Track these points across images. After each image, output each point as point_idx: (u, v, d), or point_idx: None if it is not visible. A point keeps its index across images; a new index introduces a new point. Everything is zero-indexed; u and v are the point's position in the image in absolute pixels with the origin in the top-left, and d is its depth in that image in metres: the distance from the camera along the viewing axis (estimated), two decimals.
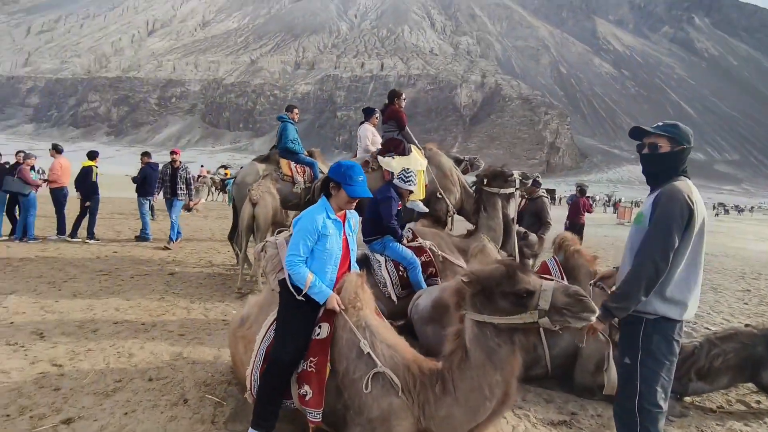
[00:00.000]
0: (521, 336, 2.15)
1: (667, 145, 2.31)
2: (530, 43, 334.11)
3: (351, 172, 2.57)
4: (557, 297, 2.04)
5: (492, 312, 2.12)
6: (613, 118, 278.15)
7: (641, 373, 2.20)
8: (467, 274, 2.19)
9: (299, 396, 2.43)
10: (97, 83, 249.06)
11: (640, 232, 2.27)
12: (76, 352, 3.75)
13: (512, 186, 4.95)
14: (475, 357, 2.17)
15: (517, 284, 2.08)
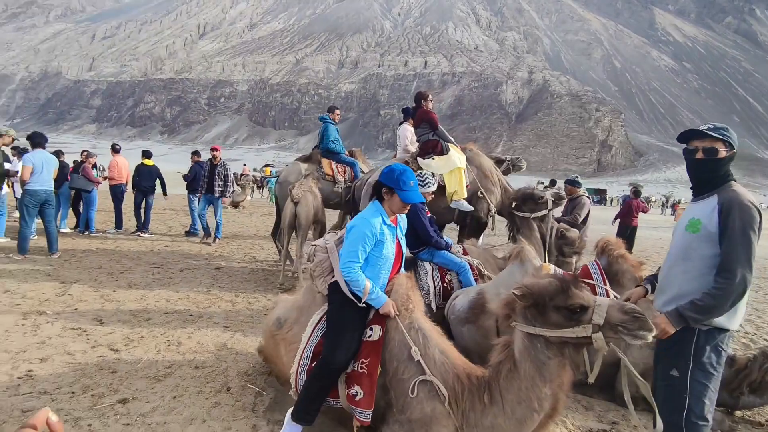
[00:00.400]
0: (572, 350, 2.13)
1: (724, 150, 2.22)
2: (581, 36, 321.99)
3: (404, 177, 2.56)
4: (612, 313, 2.02)
5: (543, 325, 2.11)
6: (673, 114, 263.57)
7: (691, 386, 2.13)
8: (520, 287, 2.16)
9: (349, 396, 2.46)
10: (152, 85, 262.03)
11: (698, 241, 2.18)
12: (130, 339, 4.04)
13: (544, 208, 4.82)
14: (525, 369, 2.17)
15: (571, 299, 2.06)
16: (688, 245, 2.24)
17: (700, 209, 2.23)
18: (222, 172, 9.19)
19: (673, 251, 2.32)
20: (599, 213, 29.39)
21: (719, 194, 2.18)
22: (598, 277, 3.63)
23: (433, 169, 5.75)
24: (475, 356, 3.74)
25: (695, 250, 2.19)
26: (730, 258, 2.08)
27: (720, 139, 2.22)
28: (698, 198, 2.30)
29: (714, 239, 2.13)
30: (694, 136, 2.29)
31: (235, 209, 17.70)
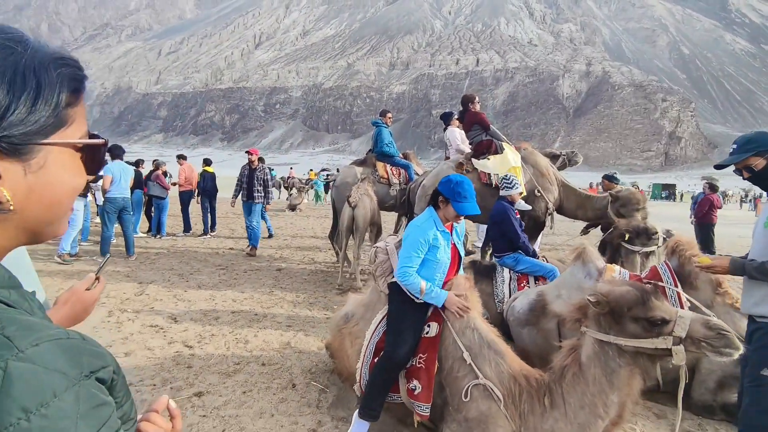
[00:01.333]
0: (646, 360, 2.06)
1: (761, 160, 2.17)
2: (644, 24, 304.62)
3: (460, 188, 2.60)
4: (696, 328, 1.95)
5: (618, 333, 2.06)
6: (751, 101, 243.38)
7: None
8: (594, 293, 2.11)
9: (408, 390, 2.55)
10: (213, 95, 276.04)
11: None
12: (202, 336, 4.31)
13: (655, 244, 4.58)
14: (593, 374, 2.12)
15: (651, 311, 2.00)
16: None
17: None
18: (261, 177, 8.59)
19: (756, 250, 2.22)
20: (667, 210, 27.66)
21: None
22: (668, 279, 3.42)
23: (489, 169, 5.69)
24: (535, 359, 3.67)
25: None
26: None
27: (749, 156, 2.16)
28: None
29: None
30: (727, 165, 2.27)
31: (293, 212, 18.30)
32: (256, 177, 8.50)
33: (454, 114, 6.92)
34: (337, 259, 7.64)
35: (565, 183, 6.07)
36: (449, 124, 6.82)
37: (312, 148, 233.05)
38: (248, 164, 8.59)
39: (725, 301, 3.30)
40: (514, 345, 3.80)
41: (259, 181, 8.51)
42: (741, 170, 2.25)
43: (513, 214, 4.44)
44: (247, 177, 8.56)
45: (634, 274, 3.69)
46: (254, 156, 8.66)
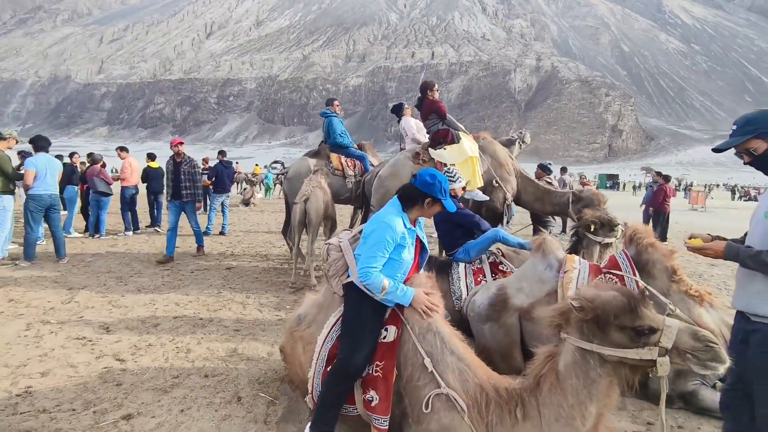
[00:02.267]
0: (629, 370, 1.92)
1: (762, 143, 2.03)
2: (589, 22, 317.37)
3: (447, 187, 2.50)
4: (683, 338, 1.84)
5: (602, 342, 1.91)
6: (683, 97, 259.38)
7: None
8: (579, 298, 1.97)
9: (365, 401, 2.34)
10: (162, 86, 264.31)
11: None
12: (138, 347, 3.88)
13: (615, 236, 4.59)
14: (571, 384, 1.97)
15: (639, 320, 1.87)
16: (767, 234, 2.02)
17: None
18: (188, 171, 7.41)
19: (753, 240, 2.08)
20: (612, 199, 28.76)
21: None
22: (626, 268, 3.37)
23: (446, 159, 5.55)
24: (496, 355, 3.54)
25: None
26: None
27: (749, 138, 2.03)
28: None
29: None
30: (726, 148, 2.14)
31: (246, 207, 17.66)
32: (182, 172, 7.33)
33: (405, 104, 6.76)
34: (290, 255, 7.31)
35: (524, 174, 6.03)
36: (402, 114, 6.62)
37: (268, 142, 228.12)
38: (172, 158, 7.47)
39: (680, 289, 3.28)
40: (475, 342, 3.66)
41: (187, 176, 7.35)
42: (742, 154, 2.10)
43: (457, 200, 4.37)
44: (173, 173, 7.39)
45: (594, 264, 3.62)
46: (181, 147, 7.47)
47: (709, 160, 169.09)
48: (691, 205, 26.60)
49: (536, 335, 3.43)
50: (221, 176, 10.43)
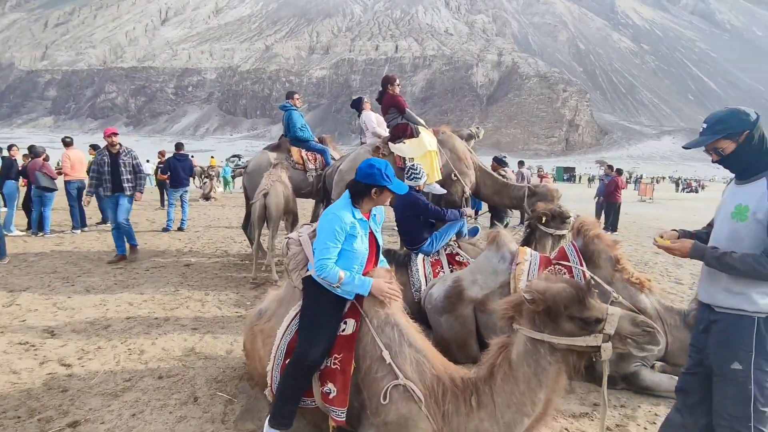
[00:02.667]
0: (575, 357, 2.06)
1: (730, 143, 2.08)
2: (547, 19, 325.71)
3: (389, 171, 2.49)
4: (623, 325, 1.99)
5: (553, 332, 2.03)
6: (633, 94, 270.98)
7: (755, 376, 2.02)
8: (531, 291, 2.07)
9: (323, 393, 2.37)
10: (113, 74, 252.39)
11: (746, 229, 2.02)
12: (85, 351, 3.71)
13: (567, 228, 4.74)
14: (523, 373, 2.09)
15: (587, 310, 2.00)
16: (734, 234, 2.08)
17: (748, 194, 2.05)
18: (129, 162, 6.90)
19: (719, 240, 2.15)
20: (569, 190, 29.89)
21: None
22: (574, 259, 3.52)
23: (405, 153, 5.60)
24: (453, 346, 3.64)
25: (743, 240, 2.03)
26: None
27: (718, 138, 2.08)
28: (744, 181, 2.12)
29: (764, 227, 1.97)
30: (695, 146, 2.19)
31: (207, 201, 17.19)
32: (121, 164, 6.80)
33: (365, 98, 6.76)
34: (251, 250, 7.17)
35: (483, 168, 6.13)
36: (362, 108, 6.61)
37: (229, 134, 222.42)
38: (106, 148, 6.84)
39: (623, 277, 3.46)
40: (433, 332, 3.74)
41: (126, 168, 6.86)
42: (710, 152, 2.15)
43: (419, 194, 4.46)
44: (110, 165, 6.79)
45: (545, 256, 3.75)
46: (116, 138, 6.85)
47: (656, 154, 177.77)
48: (640, 197, 27.90)
49: (490, 326, 3.54)
50: (175, 170, 10.06)
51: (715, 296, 2.15)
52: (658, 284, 6.43)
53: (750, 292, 2.02)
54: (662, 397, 3.24)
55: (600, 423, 2.13)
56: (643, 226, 13.60)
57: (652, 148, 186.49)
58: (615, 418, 3.02)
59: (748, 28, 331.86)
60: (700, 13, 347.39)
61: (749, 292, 2.02)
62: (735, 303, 2.06)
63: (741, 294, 2.04)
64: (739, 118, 2.05)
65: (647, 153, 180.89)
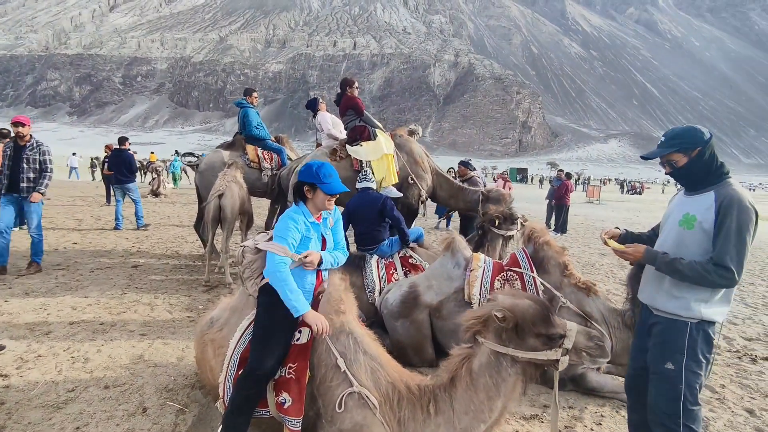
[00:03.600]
0: (534, 369, 2.18)
1: (682, 157, 2.24)
2: (502, 22, 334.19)
3: (323, 170, 2.50)
4: (579, 339, 2.13)
5: (518, 346, 2.13)
6: (582, 98, 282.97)
7: (685, 376, 2.20)
8: (501, 309, 2.14)
9: (277, 404, 2.35)
10: (56, 60, 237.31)
11: (692, 237, 2.20)
12: (24, 360, 3.51)
13: (515, 228, 4.92)
14: (483, 383, 2.18)
15: (552, 327, 2.13)
16: (680, 241, 2.25)
17: (696, 205, 2.22)
18: (34, 159, 5.80)
19: (665, 246, 2.31)
20: (522, 191, 31.04)
21: (716, 191, 2.17)
22: (525, 265, 3.66)
23: (362, 156, 5.63)
24: (409, 350, 3.71)
25: (688, 247, 2.21)
26: (724, 256, 2.09)
27: (672, 151, 2.24)
28: (692, 192, 2.29)
29: (708, 236, 2.15)
30: (652, 158, 2.33)
31: (156, 198, 16.54)
32: (24, 158, 5.72)
33: (320, 98, 6.75)
34: (204, 251, 6.99)
35: (439, 171, 6.25)
36: (318, 109, 6.58)
37: (181, 127, 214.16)
38: (13, 140, 5.83)
39: (571, 282, 3.60)
40: (389, 337, 3.79)
41: (30, 164, 5.75)
42: (665, 163, 2.32)
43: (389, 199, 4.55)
44: (11, 159, 5.73)
45: (498, 262, 3.87)
46: (25, 128, 5.76)
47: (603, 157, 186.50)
48: (588, 198, 29.25)
49: (446, 330, 3.64)
50: (114, 165, 9.70)
51: (655, 299, 2.33)
52: (604, 285, 6.82)
53: (689, 298, 2.20)
54: (607, 397, 3.43)
55: (552, 426, 2.26)
56: (590, 227, 14.29)
57: (599, 151, 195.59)
58: (563, 420, 3.16)
59: (687, 38, 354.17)
60: (644, 23, 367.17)
61: (688, 298, 2.20)
62: (672, 307, 2.25)
63: (680, 298, 2.22)
64: (693, 135, 2.21)
65: (595, 155, 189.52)
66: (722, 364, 4.23)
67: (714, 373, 3.95)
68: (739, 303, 6.34)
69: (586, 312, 3.45)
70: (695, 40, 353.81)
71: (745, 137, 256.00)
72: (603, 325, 3.44)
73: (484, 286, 3.57)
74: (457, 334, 3.48)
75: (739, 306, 6.19)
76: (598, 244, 10.79)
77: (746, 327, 5.32)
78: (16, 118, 5.86)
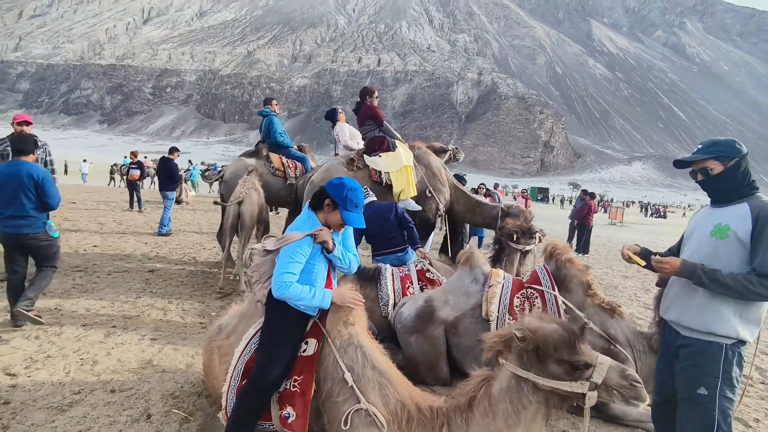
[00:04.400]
0: (558, 400, 2.01)
1: (718, 165, 2.18)
2: (527, 42, 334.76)
3: (353, 196, 2.39)
4: (611, 376, 1.96)
5: (539, 372, 1.99)
6: (606, 119, 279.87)
7: (719, 402, 2.05)
8: (522, 329, 2.02)
9: (281, 418, 2.26)
10: (90, 70, 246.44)
11: (726, 247, 2.11)
12: (33, 359, 3.49)
13: (534, 243, 4.79)
14: (503, 408, 2.03)
15: (577, 355, 1.97)
16: (713, 252, 2.15)
17: (728, 215, 2.15)
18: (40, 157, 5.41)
19: (695, 258, 2.20)
20: (543, 211, 30.57)
21: (750, 203, 2.11)
22: (546, 283, 3.50)
23: (381, 167, 5.56)
24: (422, 367, 3.57)
25: (721, 258, 2.11)
26: (765, 265, 2.00)
27: (708, 158, 2.19)
28: (721, 204, 2.23)
29: (744, 246, 2.07)
30: (685, 164, 2.29)
31: (178, 205, 16.75)
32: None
33: (339, 109, 6.73)
34: (221, 258, 6.98)
35: (457, 185, 6.13)
36: (337, 119, 6.56)
37: (206, 137, 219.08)
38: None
39: (594, 302, 3.43)
40: (402, 352, 3.66)
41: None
42: (697, 172, 2.26)
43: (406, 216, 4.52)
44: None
45: (518, 279, 3.73)
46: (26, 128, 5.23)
47: (627, 179, 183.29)
48: (610, 220, 28.67)
49: (461, 348, 3.49)
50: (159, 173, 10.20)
51: (685, 316, 2.20)
52: (627, 309, 6.56)
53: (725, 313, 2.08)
54: (631, 426, 3.23)
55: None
56: (612, 249, 13.91)
57: (623, 173, 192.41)
58: None
59: (715, 62, 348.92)
60: (671, 46, 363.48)
61: (725, 312, 2.08)
62: (705, 324, 2.11)
63: (715, 312, 2.10)
64: (732, 146, 2.18)
65: (618, 177, 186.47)
66: (756, 396, 3.97)
67: (747, 406, 3.71)
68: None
69: (610, 334, 3.28)
70: (724, 64, 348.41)
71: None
72: (628, 349, 3.26)
73: (503, 304, 3.42)
74: (474, 351, 3.33)
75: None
76: (621, 266, 10.46)
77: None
78: (20, 117, 5.47)
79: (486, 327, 3.37)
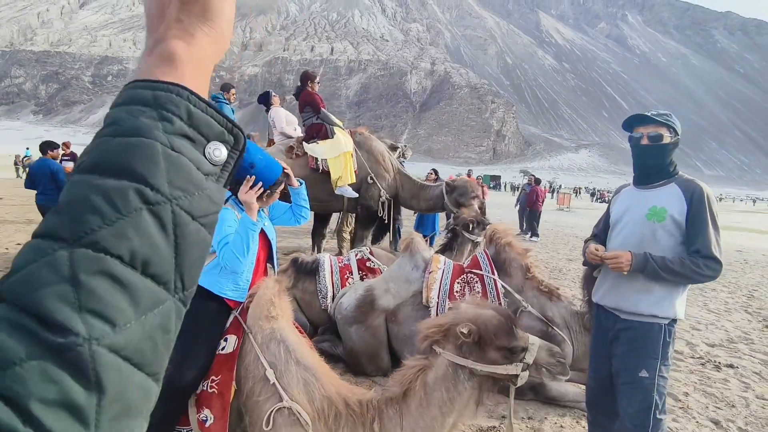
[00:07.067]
0: (492, 383, 2.03)
1: (669, 135, 2.16)
2: (478, 32, 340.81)
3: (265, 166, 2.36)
4: (541, 355, 2.01)
5: (477, 359, 1.97)
6: (555, 109, 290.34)
7: (658, 383, 2.08)
8: (467, 325, 1.98)
9: (199, 421, 2.11)
10: (21, 57, 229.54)
11: (664, 229, 2.10)
12: None
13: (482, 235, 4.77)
14: (438, 397, 2.00)
15: (515, 340, 2.00)
16: (651, 234, 2.13)
17: (661, 197, 2.13)
18: None
19: (629, 243, 2.17)
20: (494, 198, 31.28)
21: (679, 183, 2.12)
22: (486, 267, 3.48)
23: (318, 154, 5.39)
24: (363, 357, 3.48)
25: (659, 242, 2.11)
26: (710, 248, 2.02)
27: (664, 125, 2.15)
28: (647, 186, 2.21)
29: (680, 228, 2.07)
30: (639, 122, 2.22)
31: None
32: None
33: (272, 92, 6.48)
34: None
35: (402, 171, 6.01)
36: (271, 104, 6.29)
37: None
38: None
39: (533, 285, 3.45)
40: (342, 344, 3.55)
41: None
42: (644, 136, 2.17)
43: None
44: None
45: (458, 264, 3.69)
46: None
47: (574, 166, 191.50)
48: (558, 206, 29.78)
49: (402, 337, 3.42)
50: None
51: (624, 301, 2.18)
52: (570, 291, 6.73)
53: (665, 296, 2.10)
54: (568, 407, 3.28)
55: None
56: (560, 234, 14.39)
57: (570, 161, 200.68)
58: (523, 431, 3.00)
59: (654, 54, 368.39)
60: (614, 38, 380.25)
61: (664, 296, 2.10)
62: (646, 307, 2.11)
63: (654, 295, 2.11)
64: (678, 124, 2.18)
65: (566, 164, 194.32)
66: (685, 371, 4.15)
67: (677, 380, 3.85)
68: (701, 309, 6.35)
69: (548, 317, 3.30)
70: (662, 55, 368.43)
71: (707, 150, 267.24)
72: (565, 330, 3.29)
73: (443, 290, 3.37)
74: (414, 340, 3.26)
75: (702, 312, 6.20)
76: (566, 250, 10.80)
77: (709, 333, 5.30)
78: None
79: (426, 314, 3.30)
